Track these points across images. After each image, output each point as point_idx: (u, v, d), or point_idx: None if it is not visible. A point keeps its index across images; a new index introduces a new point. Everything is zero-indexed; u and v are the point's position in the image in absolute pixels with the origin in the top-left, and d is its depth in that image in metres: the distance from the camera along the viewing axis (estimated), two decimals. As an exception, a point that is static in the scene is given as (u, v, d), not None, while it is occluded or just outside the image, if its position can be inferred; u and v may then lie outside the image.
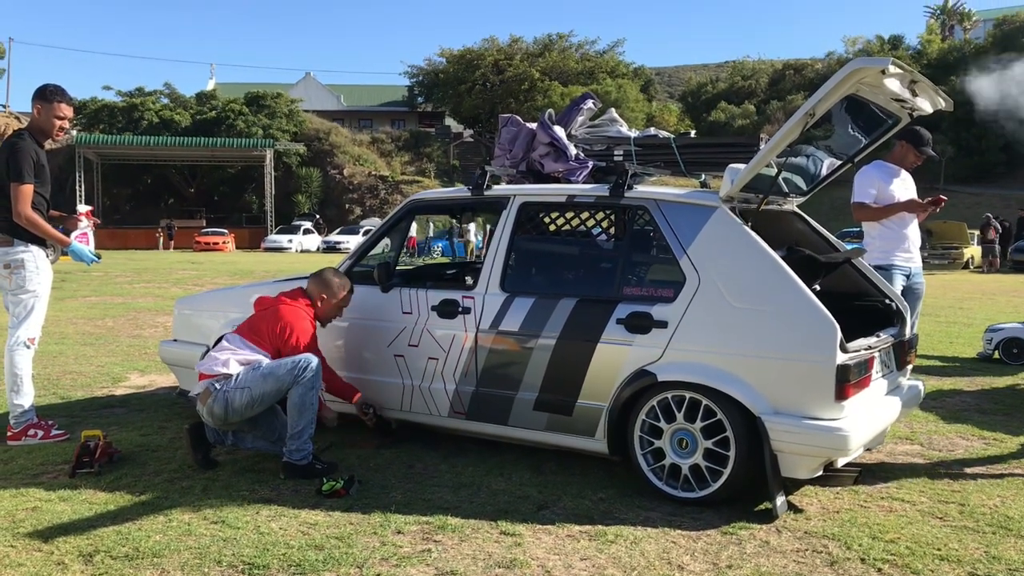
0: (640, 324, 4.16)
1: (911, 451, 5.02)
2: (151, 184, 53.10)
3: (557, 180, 5.02)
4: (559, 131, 5.02)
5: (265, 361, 4.38)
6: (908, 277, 5.86)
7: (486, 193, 4.86)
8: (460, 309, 4.64)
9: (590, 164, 4.97)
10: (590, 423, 4.30)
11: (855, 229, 24.85)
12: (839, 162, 4.97)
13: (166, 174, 51.77)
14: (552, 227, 5.85)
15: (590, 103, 5.29)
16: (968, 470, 4.65)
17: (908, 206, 5.70)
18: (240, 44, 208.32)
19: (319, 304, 4.69)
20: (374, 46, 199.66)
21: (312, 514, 3.87)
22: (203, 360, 4.56)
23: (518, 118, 5.29)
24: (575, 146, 5.08)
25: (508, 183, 5.19)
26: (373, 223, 46.34)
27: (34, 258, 4.97)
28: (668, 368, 4.08)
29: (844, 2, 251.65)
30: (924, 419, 5.74)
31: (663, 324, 4.12)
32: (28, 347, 5.01)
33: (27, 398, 5.03)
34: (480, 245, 34.13)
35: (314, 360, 4.36)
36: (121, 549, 3.45)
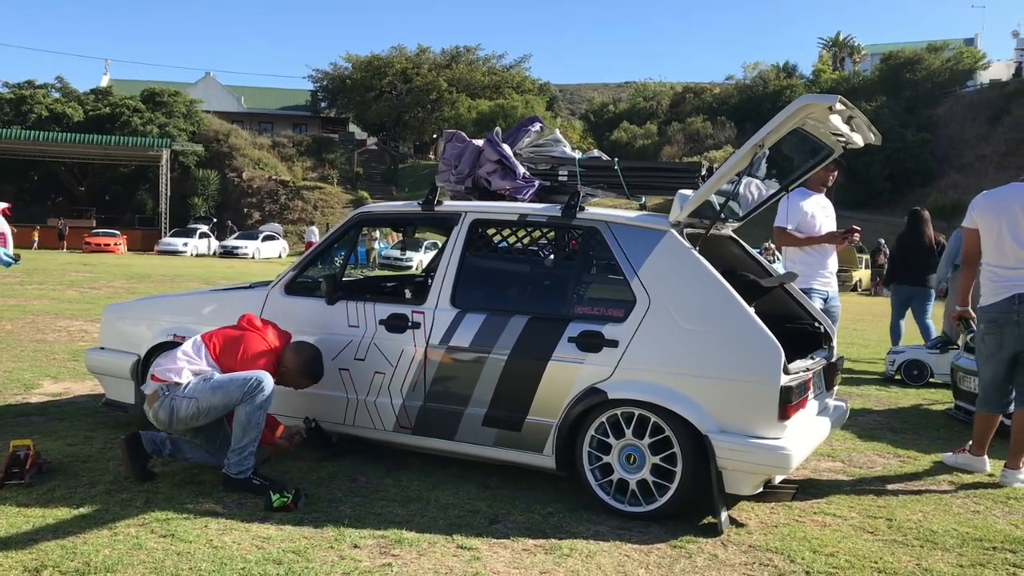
0: (591, 342, 4.26)
1: (834, 468, 5.26)
2: (38, 181, 50.81)
3: (503, 197, 5.09)
4: (507, 149, 5.09)
5: (217, 374, 4.30)
6: (825, 300, 6.23)
7: (436, 209, 4.88)
8: (410, 324, 4.65)
9: (536, 183, 5.06)
10: (539, 439, 4.37)
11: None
12: (774, 190, 5.19)
13: (55, 171, 49.55)
14: (503, 245, 5.88)
15: (538, 125, 5.37)
16: (889, 486, 4.90)
17: (828, 238, 6.12)
18: (137, 41, 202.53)
19: (286, 369, 4.56)
20: (277, 48, 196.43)
21: (263, 528, 3.83)
22: (160, 361, 4.41)
23: (463, 135, 5.34)
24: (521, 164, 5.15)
25: (452, 199, 5.23)
26: (274, 228, 45.42)
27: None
28: (618, 386, 4.18)
29: (742, 29, 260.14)
30: (842, 437, 6.01)
31: (614, 343, 4.22)
32: None
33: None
34: (383, 253, 33.74)
35: (267, 379, 4.27)
36: (70, 564, 3.35)
